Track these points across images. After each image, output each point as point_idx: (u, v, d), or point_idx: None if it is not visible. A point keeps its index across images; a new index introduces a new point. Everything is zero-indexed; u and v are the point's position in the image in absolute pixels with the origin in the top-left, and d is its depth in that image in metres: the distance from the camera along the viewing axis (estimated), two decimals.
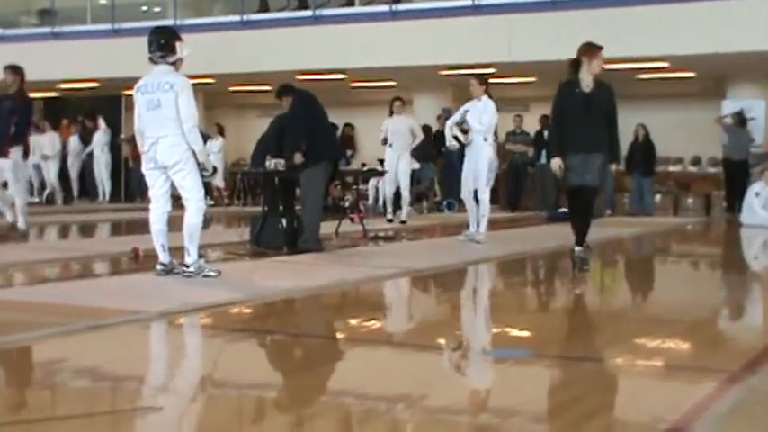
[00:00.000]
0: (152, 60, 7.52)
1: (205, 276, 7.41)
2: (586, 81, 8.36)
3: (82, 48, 20.34)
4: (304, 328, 6.07)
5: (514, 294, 8.01)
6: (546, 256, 10.37)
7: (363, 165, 18.05)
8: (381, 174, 14.65)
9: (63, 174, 21.18)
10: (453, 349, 5.40)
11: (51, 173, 20.62)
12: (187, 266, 7.47)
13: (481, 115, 10.85)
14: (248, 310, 6.49)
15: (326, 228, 11.66)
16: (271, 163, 10.19)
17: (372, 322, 6.32)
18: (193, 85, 7.47)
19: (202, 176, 7.50)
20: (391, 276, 8.24)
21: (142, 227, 8.98)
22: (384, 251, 10.55)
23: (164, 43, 7.47)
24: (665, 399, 4.00)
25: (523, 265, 9.91)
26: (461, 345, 5.61)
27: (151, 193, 7.63)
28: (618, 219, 16.51)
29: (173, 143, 7.34)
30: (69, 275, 8.64)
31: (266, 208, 10.54)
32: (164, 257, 7.59)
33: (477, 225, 10.93)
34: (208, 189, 21.94)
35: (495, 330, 6.08)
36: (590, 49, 8.42)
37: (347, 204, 12.70)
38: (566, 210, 15.93)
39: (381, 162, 18.11)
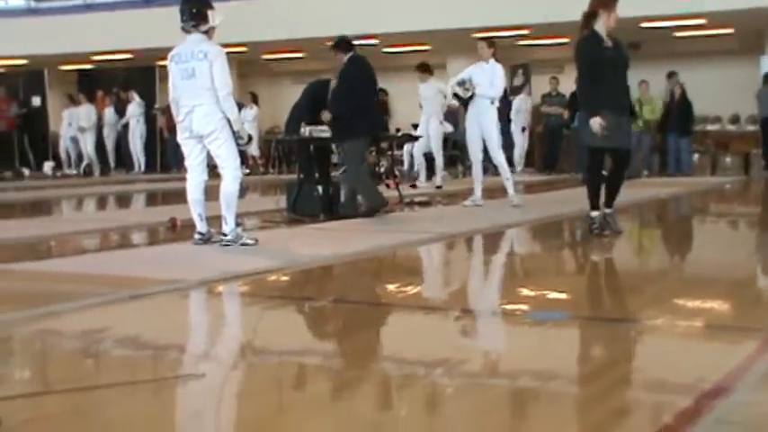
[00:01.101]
0: (184, 30, 7.51)
1: (243, 245, 7.45)
2: (604, 36, 8.00)
3: (115, 19, 20.40)
4: (342, 295, 6.09)
5: (551, 257, 7.97)
6: (582, 219, 10.30)
7: (398, 130, 18.00)
8: (415, 138, 14.62)
9: (99, 145, 21.36)
10: (491, 313, 5.40)
11: (88, 145, 20.80)
12: (225, 235, 7.50)
13: (493, 79, 10.75)
14: (286, 278, 6.52)
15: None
16: (305, 130, 10.19)
17: (409, 287, 6.33)
18: (227, 53, 7.47)
19: (238, 145, 7.52)
20: (427, 241, 8.24)
21: (178, 197, 9.04)
22: (419, 216, 10.55)
23: (195, 12, 7.45)
24: (706, 359, 3.98)
25: (560, 227, 9.86)
26: (498, 308, 5.61)
27: (187, 163, 7.65)
28: (655, 179, 16.38)
29: (208, 112, 7.35)
30: (108, 246, 8.73)
31: (302, 175, 10.56)
32: (201, 227, 7.63)
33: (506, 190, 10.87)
34: (243, 158, 22.05)
35: (531, 293, 6.07)
36: (607, 2, 7.96)
37: (382, 170, 12.69)
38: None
39: (415, 127, 18.06)
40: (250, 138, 8.01)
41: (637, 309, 5.35)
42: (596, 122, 7.79)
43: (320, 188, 10.11)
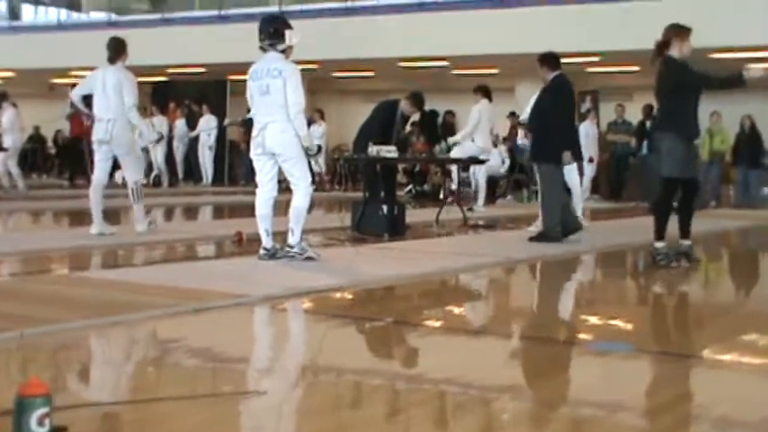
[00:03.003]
0: (262, 48, 7.60)
1: (307, 258, 7.48)
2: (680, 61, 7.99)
3: (189, 33, 20.69)
4: (405, 316, 6.05)
5: (615, 287, 7.86)
6: (648, 249, 10.15)
7: None
8: (482, 162, 14.54)
9: (169, 156, 21.60)
10: (555, 341, 5.32)
11: (158, 155, 21.04)
12: (291, 247, 7.55)
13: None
14: (350, 296, 6.50)
15: (427, 215, 11.65)
16: (373, 149, 10.20)
17: (471, 312, 6.27)
18: (300, 71, 7.51)
19: (307, 155, 7.56)
20: (491, 265, 8.17)
21: (245, 210, 9.08)
22: (483, 239, 10.47)
23: (273, 31, 7.54)
24: None
25: (624, 257, 9.73)
26: (563, 336, 5.52)
27: (258, 178, 7.68)
28: (723, 211, 16.09)
29: (281, 129, 7.41)
30: (175, 257, 8.79)
31: (367, 194, 10.56)
32: (267, 242, 7.65)
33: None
34: (311, 174, 22.11)
35: (596, 323, 5.98)
36: (681, 31, 8.03)
37: (450, 190, 12.66)
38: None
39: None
40: (319, 148, 8.05)
41: (703, 344, 5.23)
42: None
43: (385, 207, 10.09)
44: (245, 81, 7.70)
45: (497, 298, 7.28)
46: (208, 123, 21.54)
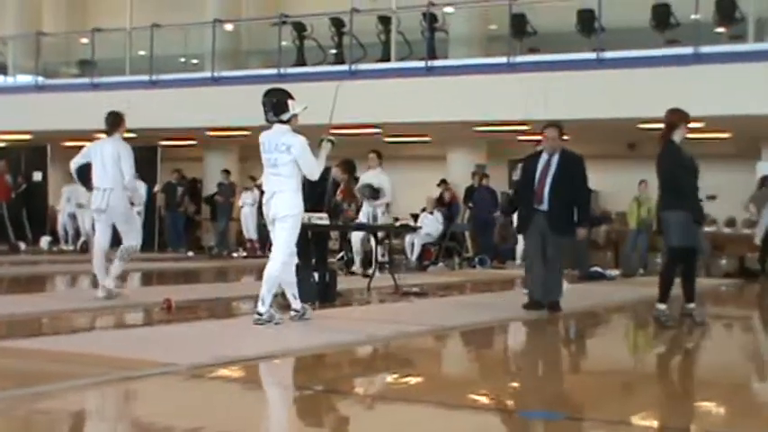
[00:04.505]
0: (268, 121, 8.03)
1: (276, 324, 7.80)
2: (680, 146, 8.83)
3: (119, 98, 20.57)
4: (335, 385, 6.02)
5: (548, 353, 7.91)
6: (581, 315, 10.27)
7: (396, 219, 18.03)
8: (414, 229, 14.65)
9: None
10: (485, 409, 5.34)
11: (86, 221, 20.76)
12: (260, 314, 7.81)
13: None
14: (279, 365, 6.46)
15: (359, 282, 11.68)
16: (305, 216, 10.19)
17: (402, 379, 6.27)
18: (228, 137, 7.61)
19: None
20: (422, 333, 8.19)
21: (174, 277, 9.01)
22: (415, 307, 10.50)
23: (276, 103, 8.00)
24: None
25: (556, 323, 9.80)
26: (492, 404, 5.54)
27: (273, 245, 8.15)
28: (651, 278, 16.29)
29: (288, 197, 7.92)
30: (102, 325, 8.66)
31: (299, 261, 10.52)
32: (295, 304, 8.18)
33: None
34: (241, 241, 22.03)
35: (527, 390, 6.01)
36: (684, 115, 8.86)
37: (380, 259, 12.69)
38: (598, 269, 16.01)
39: (415, 217, 18.14)
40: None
41: (635, 410, 5.28)
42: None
43: (316, 275, 10.08)
44: (176, 146, 7.80)
45: (427, 366, 7.27)
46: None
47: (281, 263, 7.93)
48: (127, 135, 10.40)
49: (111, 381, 5.33)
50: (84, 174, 10.29)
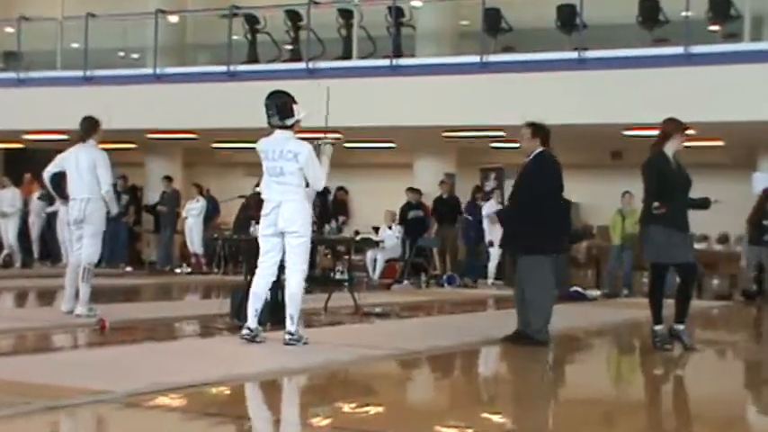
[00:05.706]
0: (271, 125, 8.19)
1: (305, 343, 8.08)
2: (671, 158, 8.95)
3: (50, 95, 20.41)
4: (285, 414, 6.01)
5: (521, 381, 7.94)
6: (560, 339, 10.31)
7: (356, 233, 18.04)
8: (376, 243, 14.65)
9: (23, 234, 21.12)
10: None
11: (11, 232, 20.58)
12: (292, 334, 8.12)
13: None
14: (226, 392, 6.43)
15: (315, 301, 11.64)
16: (256, 229, 10.16)
17: (362, 408, 6.26)
18: (173, 140, 7.59)
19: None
20: (383, 357, 8.19)
21: (109, 295, 8.96)
22: (376, 329, 10.50)
23: (281, 105, 8.21)
24: None
25: (532, 349, 9.82)
26: None
27: (261, 258, 8.30)
28: (635, 300, 16.43)
29: (297, 209, 8.11)
30: (25, 349, 8.57)
31: (249, 278, 10.49)
32: (252, 323, 8.27)
33: None
34: (185, 256, 21.95)
35: (497, 421, 6.02)
36: (680, 125, 9.05)
37: (338, 276, 12.67)
38: (578, 289, 16.09)
39: (376, 230, 18.12)
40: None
41: None
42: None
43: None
44: (113, 150, 7.75)
45: (388, 393, 7.26)
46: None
47: (302, 279, 8.20)
48: (57, 137, 10.41)
49: (34, 411, 5.27)
50: (58, 183, 10.39)
